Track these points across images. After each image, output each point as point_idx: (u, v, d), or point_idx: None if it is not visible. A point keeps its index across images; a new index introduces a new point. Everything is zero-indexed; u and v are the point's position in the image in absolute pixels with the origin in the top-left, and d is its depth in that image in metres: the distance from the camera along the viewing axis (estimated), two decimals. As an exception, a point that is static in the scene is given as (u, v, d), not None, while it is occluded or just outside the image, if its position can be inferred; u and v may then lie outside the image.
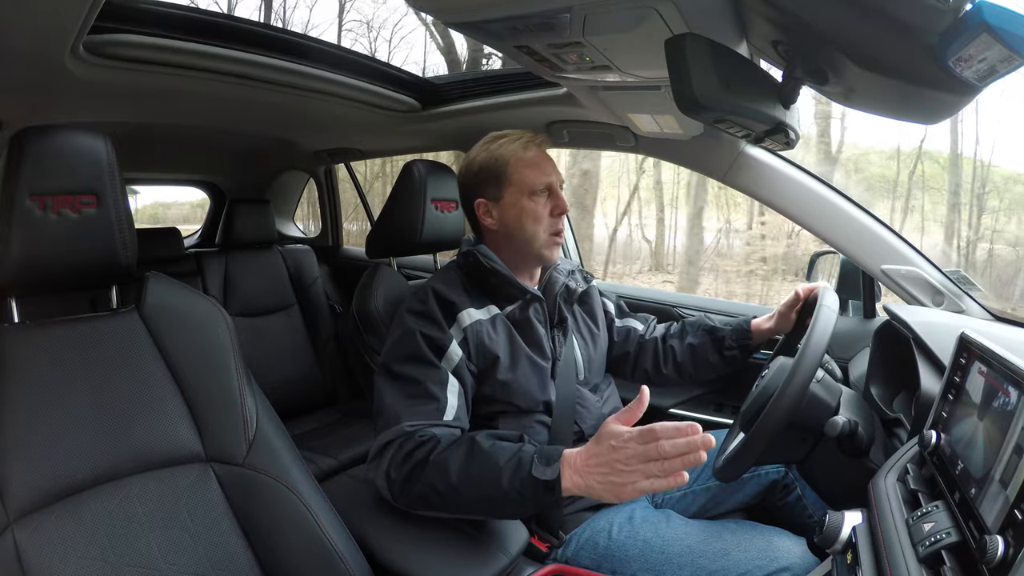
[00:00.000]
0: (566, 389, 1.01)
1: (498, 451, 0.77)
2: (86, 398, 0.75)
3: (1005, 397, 0.54)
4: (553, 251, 1.04)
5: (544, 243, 1.02)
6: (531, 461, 0.75)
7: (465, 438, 0.82)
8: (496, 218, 1.03)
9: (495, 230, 1.03)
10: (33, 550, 0.65)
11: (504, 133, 1.04)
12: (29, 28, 0.80)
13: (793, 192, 1.20)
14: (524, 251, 1.03)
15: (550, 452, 0.76)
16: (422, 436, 0.83)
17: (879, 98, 0.76)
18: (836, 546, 0.63)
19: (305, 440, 1.71)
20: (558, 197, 1.02)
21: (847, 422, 0.80)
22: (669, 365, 1.19)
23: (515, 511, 0.80)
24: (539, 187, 1.00)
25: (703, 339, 1.17)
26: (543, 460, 0.75)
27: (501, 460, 0.76)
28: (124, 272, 0.82)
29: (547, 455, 0.75)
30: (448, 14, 0.84)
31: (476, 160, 1.04)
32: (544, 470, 0.74)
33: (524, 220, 1.00)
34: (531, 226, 1.00)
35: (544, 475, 0.73)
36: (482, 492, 0.76)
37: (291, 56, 1.18)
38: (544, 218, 1.01)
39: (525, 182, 1.00)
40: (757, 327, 1.14)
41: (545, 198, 1.01)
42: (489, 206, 1.03)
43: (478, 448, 0.78)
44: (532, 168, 1.00)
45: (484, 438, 0.81)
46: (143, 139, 1.75)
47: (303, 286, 2.13)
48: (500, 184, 1.01)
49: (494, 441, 0.80)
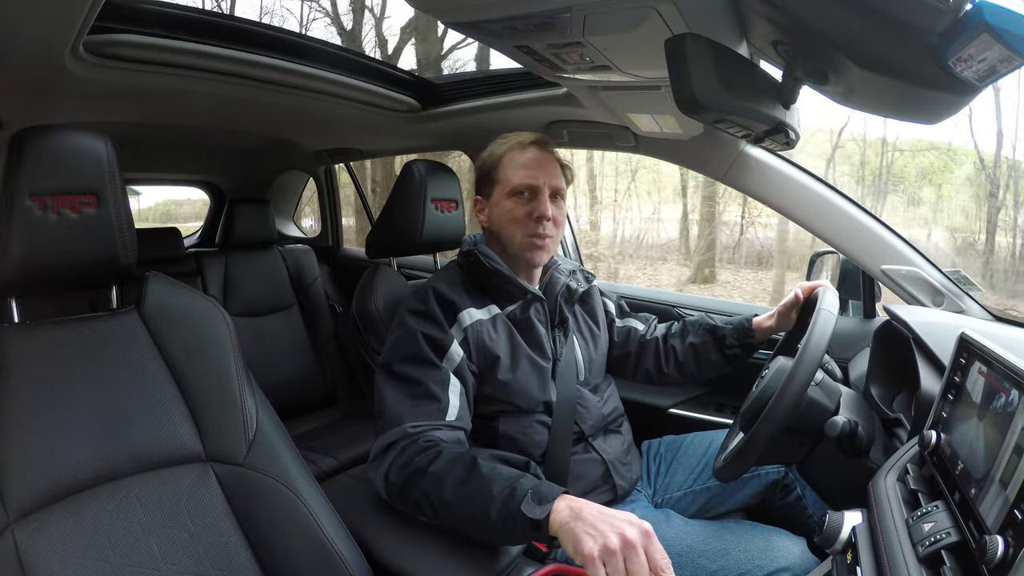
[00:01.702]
0: (566, 389, 1.01)
1: (495, 478, 0.74)
2: (86, 398, 0.75)
3: (1005, 397, 0.54)
4: (533, 253, 1.01)
5: (521, 245, 1.00)
6: (523, 496, 0.71)
7: (468, 456, 0.79)
8: (486, 215, 1.05)
9: (487, 227, 1.06)
10: (33, 550, 0.65)
11: (514, 134, 1.06)
12: (29, 28, 0.80)
13: (793, 192, 1.20)
14: (508, 251, 1.03)
15: (547, 492, 0.71)
16: (426, 441, 0.82)
17: (879, 98, 0.76)
18: (836, 546, 0.63)
19: (305, 440, 1.70)
20: (538, 201, 0.99)
21: (847, 422, 0.80)
22: (671, 364, 1.19)
23: (501, 539, 0.78)
24: (520, 188, 1.00)
25: (704, 338, 1.17)
26: (536, 498, 0.70)
27: (495, 489, 0.73)
28: (124, 272, 0.82)
29: (542, 494, 0.71)
30: (448, 14, 0.84)
31: (481, 157, 1.07)
32: (534, 508, 0.69)
33: (502, 220, 1.01)
34: (509, 227, 1.01)
35: (532, 513, 0.69)
36: (471, 514, 0.74)
37: (291, 56, 1.18)
38: (521, 220, 0.99)
39: (508, 182, 1.01)
40: (759, 325, 1.14)
41: (524, 199, 1.00)
42: (483, 203, 1.06)
43: (477, 470, 0.76)
44: (519, 168, 1.01)
45: (486, 460, 0.78)
46: (143, 139, 1.74)
47: (303, 286, 2.13)
48: (491, 182, 1.04)
49: (495, 465, 0.77)
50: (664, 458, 1.16)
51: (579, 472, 0.99)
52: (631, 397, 1.39)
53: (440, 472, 0.77)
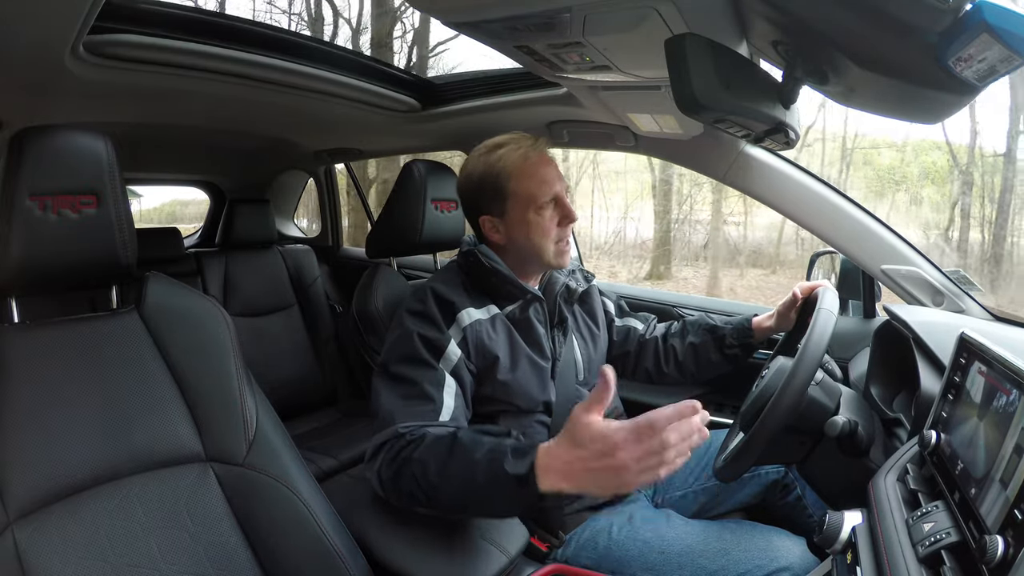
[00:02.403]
0: (566, 389, 1.01)
1: (476, 445, 0.72)
2: (86, 398, 0.75)
3: (1005, 397, 0.54)
4: (563, 259, 1.01)
5: (554, 253, 1.00)
6: (504, 456, 0.69)
7: (448, 434, 0.77)
8: (503, 233, 1.00)
9: (503, 245, 1.01)
10: (33, 550, 0.65)
11: (501, 141, 1.00)
12: (29, 28, 0.80)
13: (793, 192, 1.20)
14: (533, 262, 1.01)
15: (525, 447, 0.69)
16: (412, 436, 0.81)
17: (879, 98, 0.76)
18: (836, 546, 0.63)
19: (305, 440, 1.71)
20: (565, 206, 0.99)
21: (847, 422, 0.80)
22: (671, 364, 1.19)
23: (498, 508, 0.75)
24: (545, 199, 0.97)
25: (704, 338, 1.17)
26: (517, 454, 0.68)
27: (477, 454, 0.71)
28: (124, 272, 0.82)
29: (522, 449, 0.69)
30: (448, 14, 0.84)
31: (475, 173, 1.00)
32: (515, 464, 0.67)
33: (532, 235, 0.97)
34: (540, 240, 0.98)
35: (514, 469, 0.67)
36: (460, 489, 0.72)
37: (291, 56, 1.18)
38: (553, 230, 0.98)
39: (530, 196, 0.96)
40: (758, 325, 1.14)
41: (552, 209, 0.98)
42: (495, 222, 1.00)
43: (458, 444, 0.74)
44: (535, 180, 0.96)
45: (466, 433, 0.76)
46: (143, 139, 1.75)
47: (303, 286, 2.13)
48: (503, 199, 0.97)
49: (475, 436, 0.75)
50: (664, 458, 1.16)
51: (579, 472, 0.99)
52: (631, 397, 1.39)
53: (424, 455, 0.76)
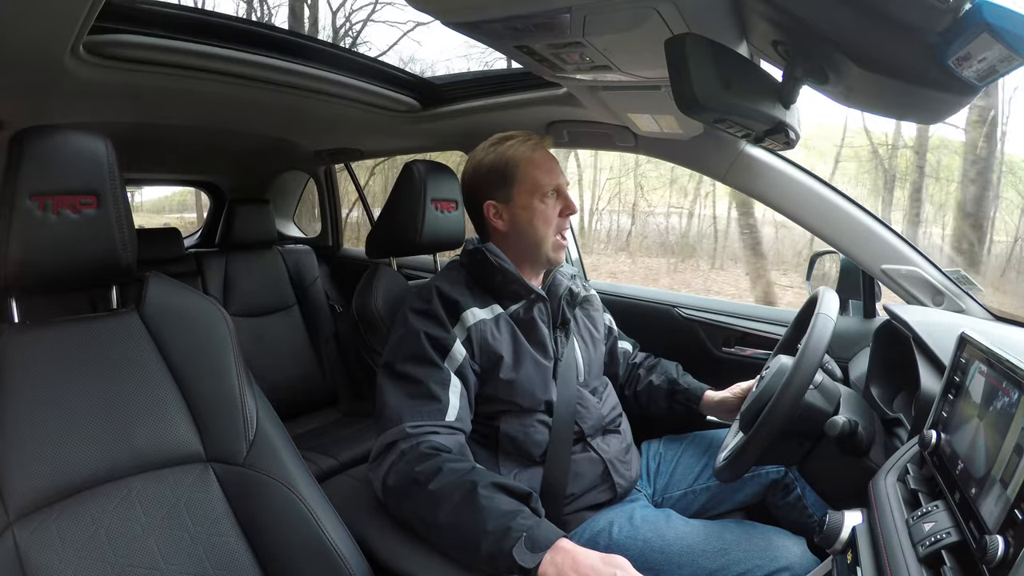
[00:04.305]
0: (567, 389, 1.01)
1: (492, 511, 0.73)
2: (86, 398, 0.75)
3: (1005, 397, 0.54)
4: (559, 253, 1.05)
5: (553, 246, 1.04)
6: (517, 540, 0.70)
7: (469, 480, 0.77)
8: (506, 219, 1.03)
9: (505, 231, 1.04)
10: (33, 550, 0.65)
11: (511, 134, 1.05)
12: (29, 28, 0.80)
13: (793, 192, 1.21)
14: (532, 252, 1.04)
15: (542, 539, 0.71)
16: (428, 448, 0.82)
17: (879, 98, 0.76)
18: (836, 546, 0.63)
19: (305, 440, 1.70)
20: (567, 198, 1.04)
21: (847, 422, 0.80)
22: (630, 391, 1.25)
23: (485, 571, 0.76)
24: (549, 188, 1.02)
25: (662, 383, 1.21)
26: (530, 544, 0.70)
27: (490, 523, 0.72)
28: (124, 272, 0.82)
29: (537, 540, 0.70)
30: (448, 14, 0.84)
31: (484, 161, 1.04)
32: (525, 556, 0.69)
33: (535, 221, 1.02)
34: (542, 228, 1.02)
35: (523, 561, 0.69)
36: (461, 543, 0.75)
37: (291, 56, 1.18)
38: (554, 219, 1.03)
39: (536, 183, 1.01)
40: (708, 399, 1.16)
41: (554, 199, 1.03)
42: (499, 208, 1.03)
43: (475, 499, 0.75)
44: (542, 169, 1.02)
45: (486, 488, 0.76)
46: (143, 139, 1.74)
47: (303, 286, 2.13)
48: (510, 185, 1.02)
49: (494, 495, 0.76)
50: (664, 458, 1.16)
51: (578, 471, 0.99)
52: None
53: (438, 493, 0.77)
